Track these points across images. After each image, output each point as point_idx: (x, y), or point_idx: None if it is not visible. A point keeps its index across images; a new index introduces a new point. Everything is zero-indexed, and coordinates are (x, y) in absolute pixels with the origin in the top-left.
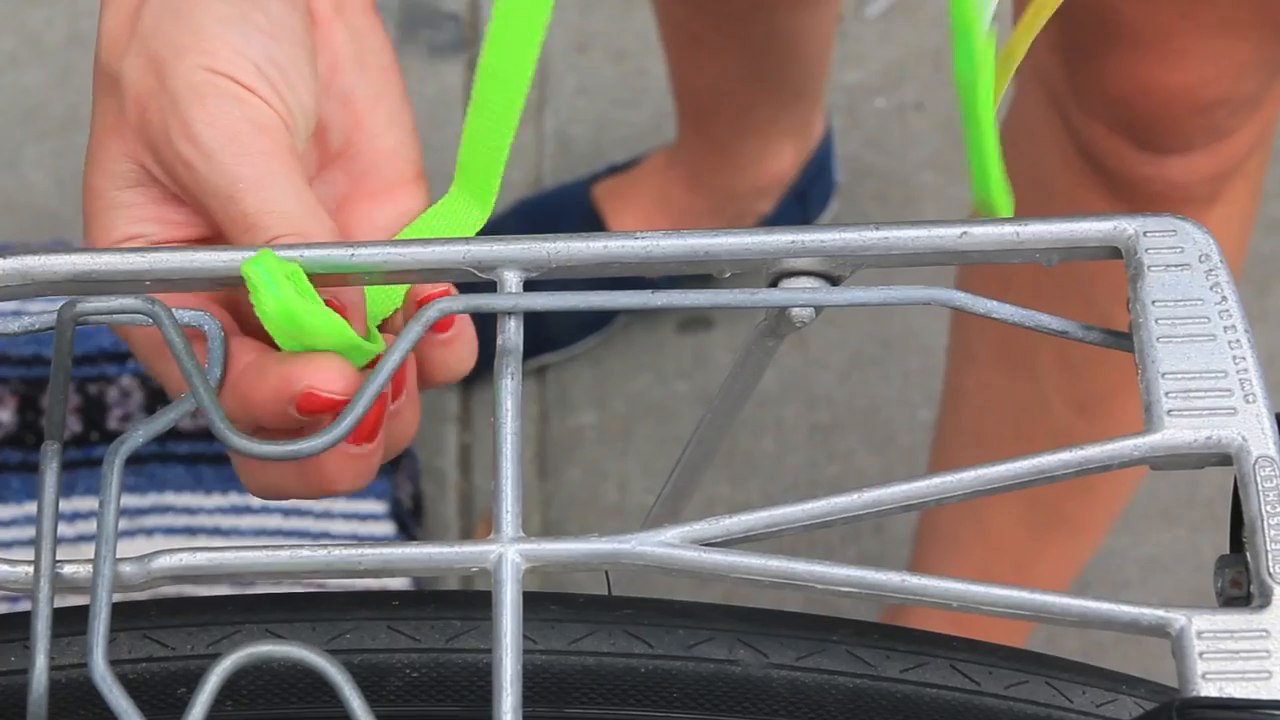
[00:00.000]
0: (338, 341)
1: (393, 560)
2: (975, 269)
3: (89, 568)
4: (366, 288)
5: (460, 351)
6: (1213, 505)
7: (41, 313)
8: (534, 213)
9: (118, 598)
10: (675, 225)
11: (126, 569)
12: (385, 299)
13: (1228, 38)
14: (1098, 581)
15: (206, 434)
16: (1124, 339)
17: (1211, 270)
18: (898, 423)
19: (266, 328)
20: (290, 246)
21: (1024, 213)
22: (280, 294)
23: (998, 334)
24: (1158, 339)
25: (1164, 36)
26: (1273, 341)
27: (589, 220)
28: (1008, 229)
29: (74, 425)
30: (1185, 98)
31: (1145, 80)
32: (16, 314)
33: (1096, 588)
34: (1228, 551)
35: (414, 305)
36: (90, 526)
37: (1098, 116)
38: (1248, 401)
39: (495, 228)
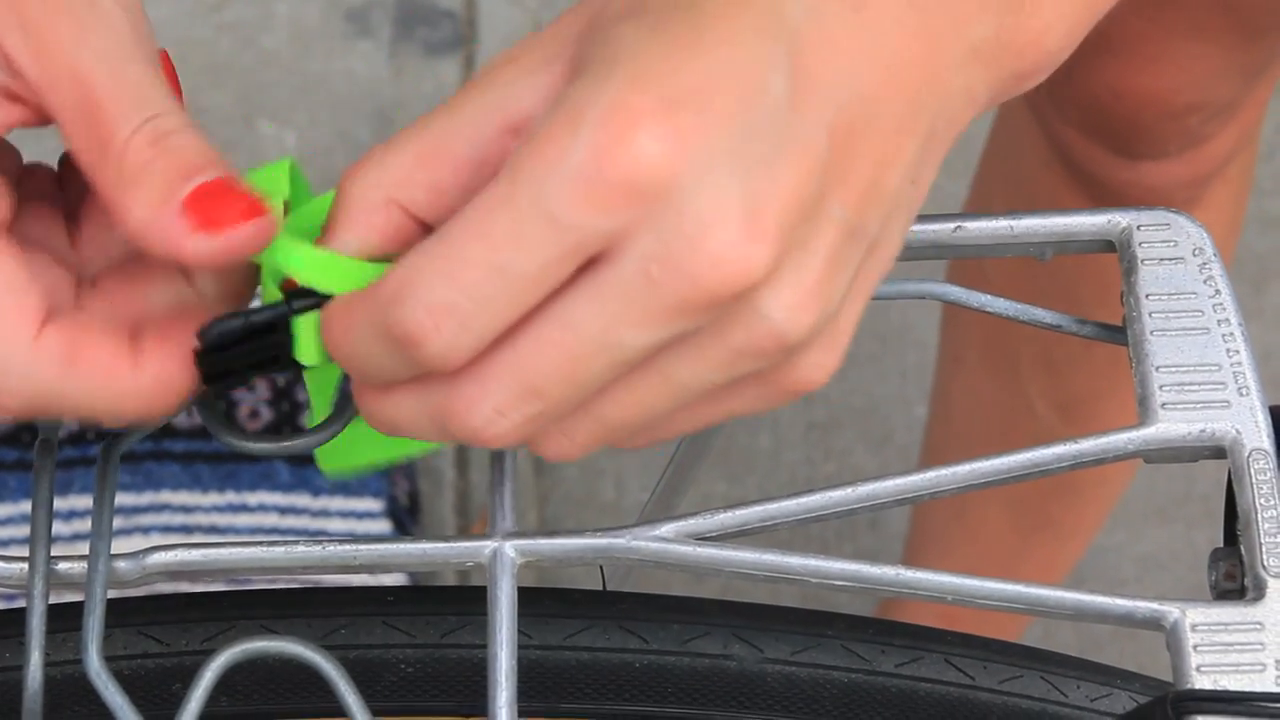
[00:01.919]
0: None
1: (388, 556)
2: (955, 274)
3: (84, 564)
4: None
5: None
6: (1209, 502)
7: None
8: None
9: (113, 594)
10: None
11: (121, 565)
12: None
13: (1197, 42)
14: (1094, 578)
15: (203, 432)
16: (1118, 333)
17: (1205, 264)
18: (894, 420)
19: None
20: None
21: None
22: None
23: (983, 336)
24: (1152, 332)
25: (1135, 42)
26: (1269, 338)
27: None
28: (1002, 223)
29: (70, 423)
30: (1157, 103)
31: (1117, 86)
32: None
33: (1093, 584)
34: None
35: None
36: (88, 525)
37: (1072, 122)
38: (1241, 394)
39: None
